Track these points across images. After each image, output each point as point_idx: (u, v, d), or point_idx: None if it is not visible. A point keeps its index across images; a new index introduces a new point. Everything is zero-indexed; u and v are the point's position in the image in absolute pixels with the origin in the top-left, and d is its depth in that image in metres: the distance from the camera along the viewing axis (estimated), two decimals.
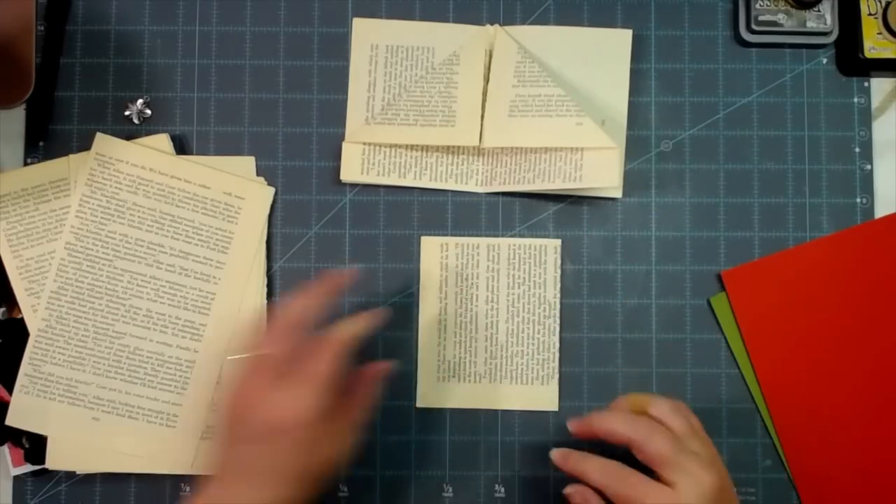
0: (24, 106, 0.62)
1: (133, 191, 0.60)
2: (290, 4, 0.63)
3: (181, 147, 0.62)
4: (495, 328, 0.61)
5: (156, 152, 0.61)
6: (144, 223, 0.60)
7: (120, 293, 0.59)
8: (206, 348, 0.60)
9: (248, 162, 0.62)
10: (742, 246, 0.61)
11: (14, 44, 0.60)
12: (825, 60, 0.62)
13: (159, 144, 0.61)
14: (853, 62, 0.61)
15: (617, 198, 0.61)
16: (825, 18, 0.61)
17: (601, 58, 0.62)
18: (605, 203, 0.62)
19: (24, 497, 0.60)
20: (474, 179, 0.61)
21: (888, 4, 0.61)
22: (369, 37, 0.62)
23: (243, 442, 0.49)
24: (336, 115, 0.62)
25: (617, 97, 0.61)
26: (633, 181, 0.61)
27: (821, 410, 0.59)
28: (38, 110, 0.62)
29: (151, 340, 0.59)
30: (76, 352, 0.59)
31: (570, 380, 0.60)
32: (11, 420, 0.59)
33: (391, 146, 0.61)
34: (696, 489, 0.47)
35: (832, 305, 0.60)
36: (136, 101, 0.62)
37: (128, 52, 0.62)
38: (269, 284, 0.61)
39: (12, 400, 0.59)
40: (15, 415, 0.59)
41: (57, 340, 0.59)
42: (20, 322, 0.59)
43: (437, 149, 0.61)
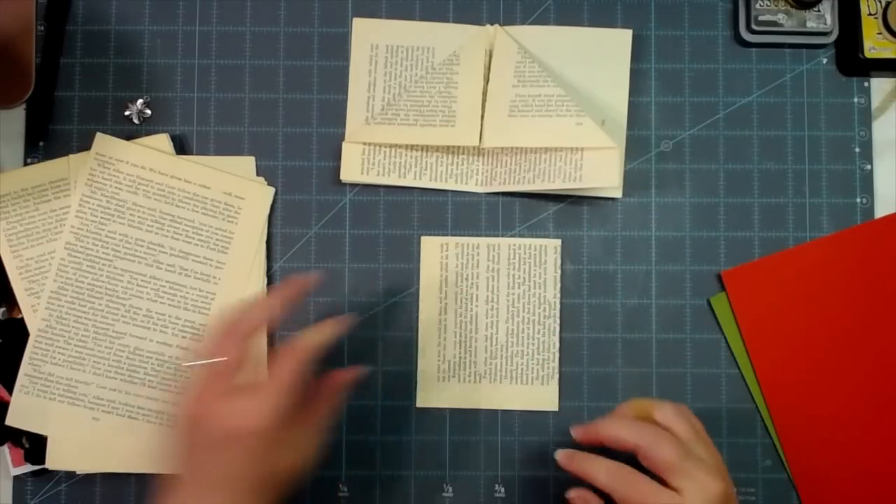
0: (24, 106, 0.62)
1: (133, 191, 0.60)
2: (290, 4, 0.63)
3: (181, 147, 0.62)
4: (495, 328, 0.61)
5: (156, 152, 0.61)
6: (144, 223, 0.60)
7: (120, 293, 0.59)
8: None
9: (248, 162, 0.62)
10: (742, 246, 0.61)
11: (14, 44, 0.60)
12: (825, 60, 0.62)
13: (159, 144, 0.61)
14: (853, 62, 0.61)
15: (617, 198, 0.61)
16: (825, 18, 0.61)
17: (601, 58, 0.62)
18: (605, 203, 0.62)
19: (24, 497, 0.60)
20: (474, 179, 0.61)
21: (888, 4, 0.61)
22: (369, 37, 0.62)
23: (200, 449, 0.48)
24: (336, 115, 0.62)
25: (617, 97, 0.61)
26: (633, 181, 0.61)
27: (821, 410, 0.59)
28: (38, 110, 0.62)
29: (151, 340, 0.59)
30: (76, 352, 0.59)
31: (570, 380, 0.60)
32: (11, 420, 0.59)
33: (391, 146, 0.61)
34: (703, 495, 0.48)
35: (832, 305, 0.60)
36: (136, 101, 0.62)
37: (128, 52, 0.62)
38: (269, 284, 0.61)
39: (12, 400, 0.59)
40: (15, 415, 0.59)
41: (57, 340, 0.59)
42: (20, 322, 0.59)
43: (437, 149, 0.61)
